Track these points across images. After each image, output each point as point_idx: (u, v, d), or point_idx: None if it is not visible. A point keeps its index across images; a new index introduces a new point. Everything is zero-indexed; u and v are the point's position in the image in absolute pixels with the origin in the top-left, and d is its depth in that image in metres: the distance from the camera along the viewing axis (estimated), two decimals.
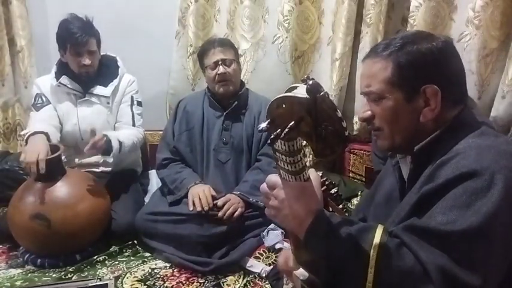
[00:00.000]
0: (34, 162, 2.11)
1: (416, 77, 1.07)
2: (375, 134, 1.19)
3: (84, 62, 2.46)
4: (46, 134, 2.32)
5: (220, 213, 2.24)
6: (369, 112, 1.15)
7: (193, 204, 2.27)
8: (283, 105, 0.82)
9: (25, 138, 2.34)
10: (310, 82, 0.76)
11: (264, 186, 1.02)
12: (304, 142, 0.87)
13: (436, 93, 1.06)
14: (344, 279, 0.93)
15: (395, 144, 1.15)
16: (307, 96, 0.77)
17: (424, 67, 1.07)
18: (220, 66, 2.38)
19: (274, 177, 0.99)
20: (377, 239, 0.91)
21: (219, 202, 2.27)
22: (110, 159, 2.57)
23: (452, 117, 1.10)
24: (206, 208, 2.24)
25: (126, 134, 2.54)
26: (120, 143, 2.42)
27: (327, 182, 1.16)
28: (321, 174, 1.10)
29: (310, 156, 2.89)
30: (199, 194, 2.29)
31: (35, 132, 2.31)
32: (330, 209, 1.20)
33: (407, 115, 1.10)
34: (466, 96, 1.14)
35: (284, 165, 0.91)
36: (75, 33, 2.39)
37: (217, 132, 2.50)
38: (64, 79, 2.51)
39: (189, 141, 2.55)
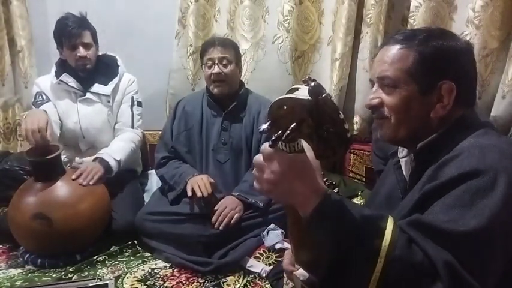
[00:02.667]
0: (35, 130, 2.13)
1: (436, 72, 1.07)
2: (379, 122, 1.17)
3: (79, 54, 2.47)
4: (44, 111, 2.33)
5: (216, 225, 2.24)
6: (377, 99, 1.14)
7: (194, 196, 2.28)
8: (285, 107, 0.81)
9: (24, 117, 2.35)
10: (312, 84, 0.76)
11: (259, 157, 0.91)
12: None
13: (452, 90, 1.06)
14: (348, 268, 0.89)
15: (399, 136, 1.14)
16: (309, 98, 0.77)
17: (445, 63, 1.07)
18: (216, 66, 2.37)
19: (269, 149, 0.88)
20: (389, 229, 0.89)
21: (216, 207, 2.28)
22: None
23: (457, 117, 1.10)
24: (206, 194, 2.25)
25: (123, 144, 2.57)
26: (118, 162, 2.48)
27: (327, 183, 1.15)
28: (322, 174, 1.10)
29: None
30: (198, 182, 2.30)
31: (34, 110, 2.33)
32: None
33: (419, 109, 1.09)
34: (474, 100, 1.14)
35: None
36: (69, 26, 2.44)
37: (216, 133, 2.50)
38: (65, 77, 2.52)
39: (187, 141, 2.55)
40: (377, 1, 2.68)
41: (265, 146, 0.88)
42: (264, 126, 0.83)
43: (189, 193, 2.29)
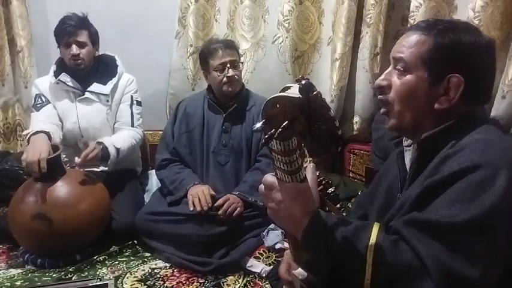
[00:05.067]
0: (36, 162, 2.12)
1: (447, 64, 1.07)
2: (384, 110, 1.18)
3: (72, 52, 2.48)
4: (47, 134, 2.33)
5: (220, 212, 2.24)
6: (387, 81, 1.15)
7: (194, 205, 2.27)
8: (277, 105, 0.82)
9: (27, 138, 2.35)
10: (303, 82, 0.76)
11: (261, 187, 1.03)
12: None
13: (460, 85, 1.06)
14: (343, 277, 0.94)
15: (404, 124, 1.14)
16: (300, 96, 0.77)
17: (458, 56, 1.07)
18: (230, 69, 2.38)
19: (270, 178, 0.99)
20: (373, 237, 0.92)
21: (219, 201, 2.27)
22: (108, 166, 2.58)
23: (464, 112, 1.09)
24: (206, 208, 2.24)
25: (123, 137, 2.56)
26: (117, 149, 2.45)
27: (323, 182, 1.15)
28: (317, 174, 1.10)
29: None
30: (199, 194, 2.29)
31: (37, 132, 2.32)
32: (327, 209, 1.20)
33: (423, 97, 1.09)
34: (488, 99, 1.14)
35: (280, 165, 0.91)
36: (65, 25, 2.45)
37: (216, 134, 2.49)
38: (63, 76, 2.53)
39: (188, 143, 2.55)
40: (377, 1, 2.68)
41: (266, 177, 1.01)
42: (258, 125, 0.84)
43: (191, 207, 2.27)
